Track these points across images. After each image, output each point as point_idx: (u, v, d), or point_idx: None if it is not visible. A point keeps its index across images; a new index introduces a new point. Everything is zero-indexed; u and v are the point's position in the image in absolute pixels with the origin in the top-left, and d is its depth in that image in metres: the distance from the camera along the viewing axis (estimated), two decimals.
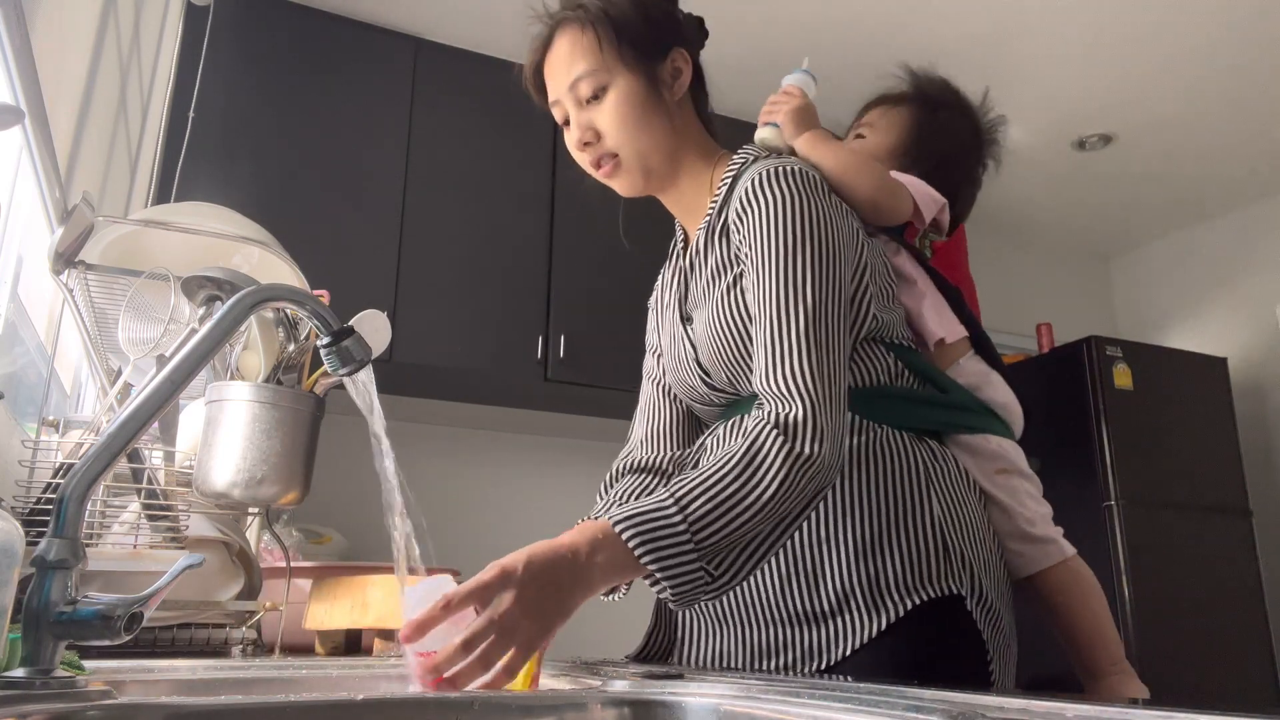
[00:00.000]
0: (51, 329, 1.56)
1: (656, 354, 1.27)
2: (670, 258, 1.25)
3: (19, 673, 0.63)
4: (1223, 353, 3.81)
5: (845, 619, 1.00)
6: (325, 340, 0.83)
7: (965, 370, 1.18)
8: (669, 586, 0.87)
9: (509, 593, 0.79)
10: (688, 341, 1.15)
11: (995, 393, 1.18)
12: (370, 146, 2.86)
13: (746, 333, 1.05)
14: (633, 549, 0.86)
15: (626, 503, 1.15)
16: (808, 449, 0.91)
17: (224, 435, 1.10)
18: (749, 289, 1.03)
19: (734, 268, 1.07)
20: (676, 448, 1.22)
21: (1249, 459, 3.62)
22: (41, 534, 0.67)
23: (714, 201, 1.12)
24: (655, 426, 1.24)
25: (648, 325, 1.30)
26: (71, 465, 0.86)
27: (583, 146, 1.11)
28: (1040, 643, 1.16)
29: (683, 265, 1.19)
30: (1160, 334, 4.42)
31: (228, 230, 1.36)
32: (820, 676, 0.97)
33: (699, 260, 1.13)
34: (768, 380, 0.97)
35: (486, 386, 2.93)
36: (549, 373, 2.90)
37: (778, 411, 0.94)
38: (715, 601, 1.09)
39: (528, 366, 2.89)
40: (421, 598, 0.79)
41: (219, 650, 1.21)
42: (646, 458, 1.22)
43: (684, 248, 1.21)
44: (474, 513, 3.09)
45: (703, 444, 1.17)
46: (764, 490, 0.89)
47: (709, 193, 1.15)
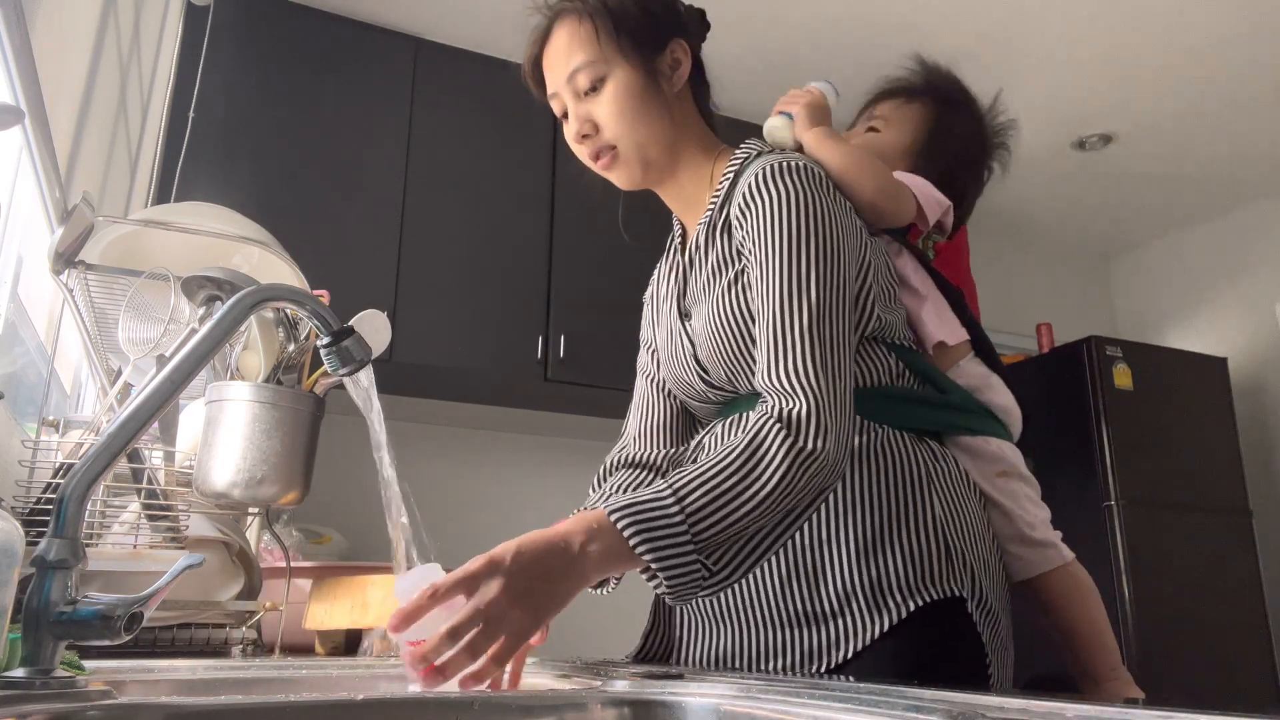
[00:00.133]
0: (51, 329, 1.56)
1: (651, 349, 1.26)
2: (667, 253, 1.24)
3: (19, 673, 0.63)
4: (1223, 353, 3.81)
5: (846, 620, 0.99)
6: (325, 340, 0.83)
7: (966, 372, 1.17)
8: (664, 580, 0.86)
9: (495, 581, 0.79)
10: (685, 338, 1.14)
11: (996, 395, 1.17)
12: (370, 146, 2.86)
13: (747, 330, 1.04)
14: (628, 539, 0.84)
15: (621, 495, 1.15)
16: (810, 444, 0.90)
17: (224, 435, 1.10)
18: (752, 285, 1.02)
19: (736, 264, 1.06)
20: (670, 444, 1.21)
21: (1249, 459, 3.62)
22: (41, 534, 0.67)
23: (715, 196, 1.11)
24: (649, 422, 1.23)
25: (642, 320, 1.29)
26: (71, 465, 0.86)
27: (581, 139, 1.10)
28: (1036, 646, 1.16)
29: (680, 261, 1.18)
30: (1160, 334, 4.42)
31: (228, 230, 1.36)
32: (821, 678, 0.97)
33: (699, 256, 1.12)
34: (771, 376, 0.95)
35: (486, 386, 2.93)
36: (549, 373, 2.90)
37: (781, 407, 0.92)
38: (714, 602, 1.08)
39: (528, 366, 2.89)
40: (411, 587, 0.79)
41: (219, 650, 1.21)
42: (640, 453, 1.21)
43: (681, 242, 1.20)
44: (474, 513, 3.09)
45: (700, 442, 1.16)
46: (764, 484, 0.88)
47: (709, 187, 1.14)
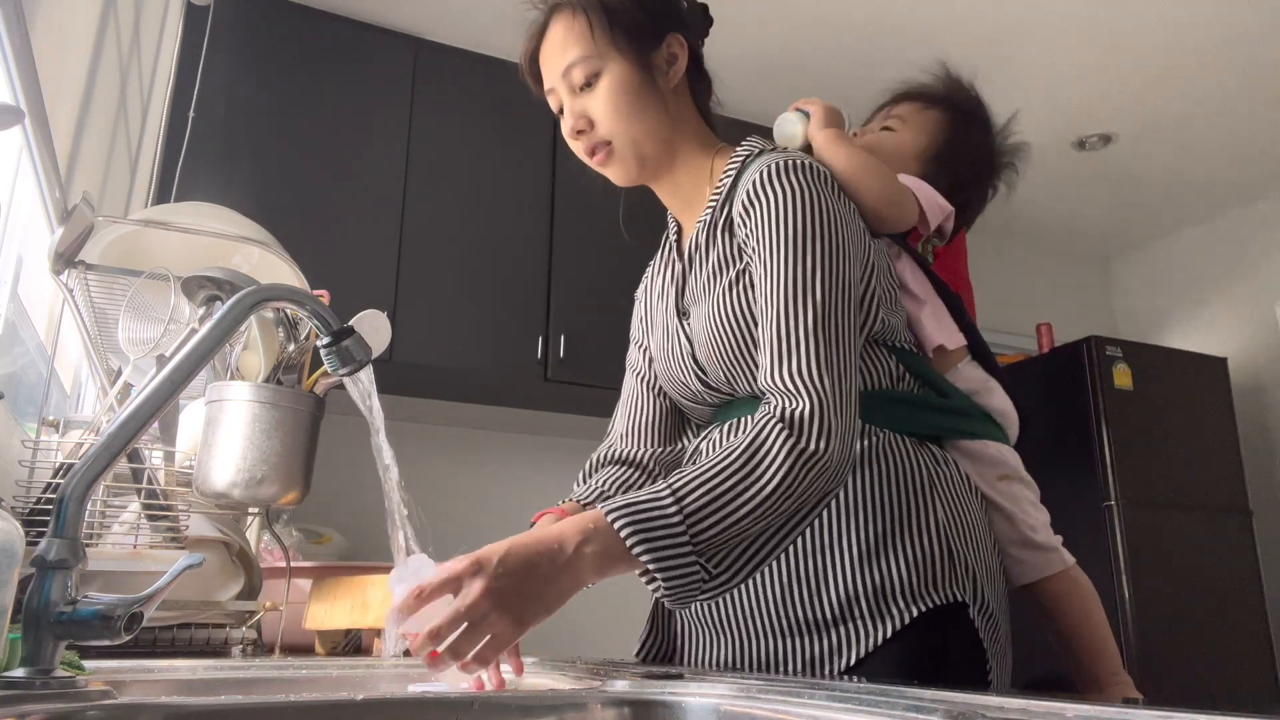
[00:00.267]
0: (51, 329, 1.56)
1: (642, 348, 1.24)
2: (661, 251, 1.23)
3: (19, 673, 0.63)
4: (1223, 353, 3.81)
5: (849, 627, 0.97)
6: (325, 340, 0.83)
7: (964, 376, 1.17)
8: (663, 583, 0.85)
9: (477, 583, 0.79)
10: (683, 337, 1.12)
11: (994, 399, 1.17)
12: (370, 146, 2.86)
13: (748, 329, 1.03)
14: (625, 539, 0.83)
15: (612, 494, 1.14)
16: (813, 445, 0.88)
17: (224, 435, 1.10)
18: (756, 284, 1.01)
19: (737, 262, 1.05)
20: (658, 443, 1.20)
21: (1249, 459, 3.62)
22: (41, 534, 0.67)
23: (716, 194, 1.09)
24: (637, 420, 1.22)
25: (633, 317, 1.28)
26: (71, 465, 0.86)
27: (576, 134, 1.09)
28: (1036, 650, 1.16)
29: (676, 259, 1.16)
30: (1160, 334, 4.42)
31: (228, 230, 1.36)
32: (821, 679, 0.96)
33: (698, 255, 1.10)
34: (774, 376, 0.94)
35: (486, 386, 2.93)
36: (549, 373, 2.90)
37: (784, 407, 0.91)
38: (714, 611, 1.07)
39: (528, 366, 2.89)
40: (401, 579, 0.81)
41: (219, 650, 1.21)
42: (626, 451, 1.21)
43: (677, 240, 1.18)
44: (474, 513, 3.09)
45: (697, 448, 1.15)
46: (765, 486, 0.87)
47: (708, 184, 1.12)
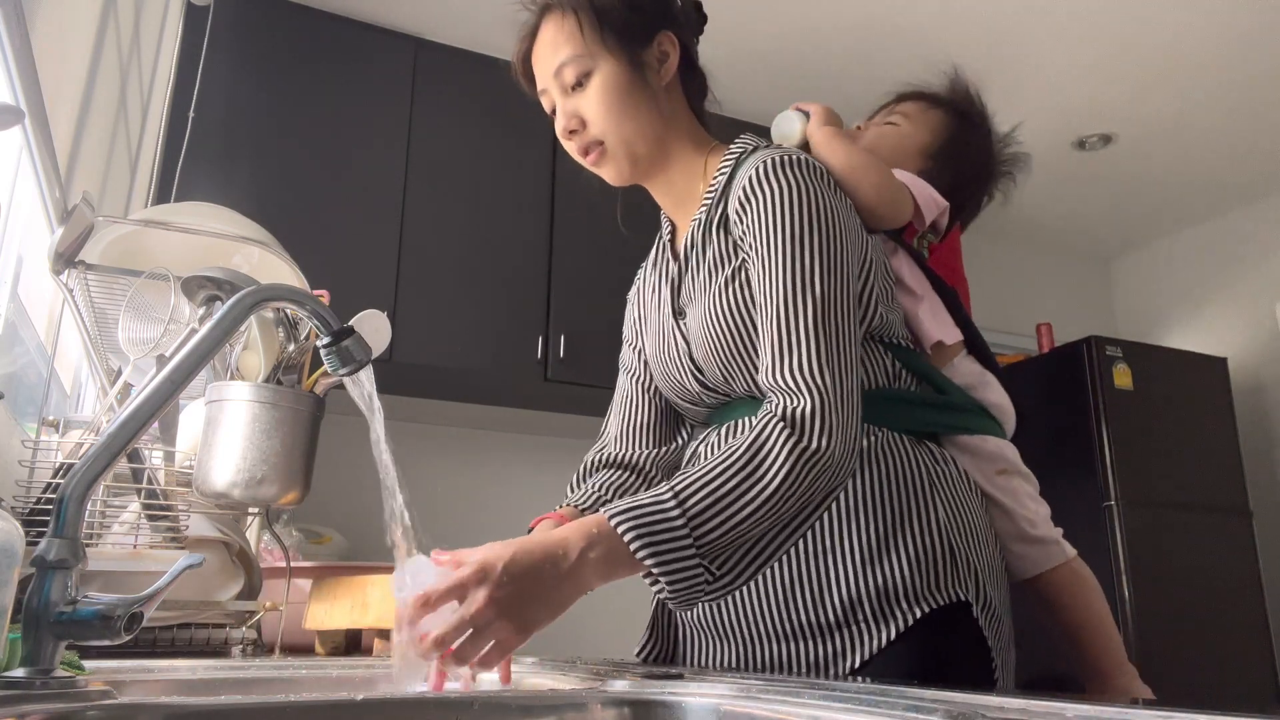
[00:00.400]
0: (51, 329, 1.56)
1: (636, 349, 1.24)
2: (655, 251, 1.22)
3: (19, 673, 0.63)
4: (1223, 353, 3.81)
5: (853, 630, 0.97)
6: (325, 340, 0.83)
7: (960, 371, 1.17)
8: (667, 585, 0.85)
9: (482, 591, 0.80)
10: (680, 336, 1.12)
11: (991, 394, 1.17)
12: (370, 146, 2.86)
13: (745, 327, 1.02)
14: (629, 543, 0.84)
15: (608, 498, 1.14)
16: (815, 443, 0.88)
17: (224, 435, 1.10)
18: (753, 281, 1.00)
19: (734, 259, 1.04)
20: (652, 444, 1.20)
21: (1249, 459, 3.61)
22: (41, 534, 0.67)
23: (710, 191, 1.09)
24: (631, 422, 1.21)
25: (626, 318, 1.27)
26: (71, 465, 0.86)
27: (568, 134, 1.09)
28: (1038, 646, 1.16)
29: (670, 258, 1.16)
30: (1160, 334, 4.42)
31: (228, 230, 1.36)
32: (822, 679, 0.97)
33: (694, 253, 1.10)
34: (775, 374, 0.93)
35: (486, 386, 2.93)
36: (549, 373, 2.90)
37: (785, 405, 0.91)
38: (716, 616, 1.07)
39: (528, 366, 2.89)
40: (404, 585, 0.82)
41: (219, 650, 1.21)
42: (621, 453, 1.20)
43: (671, 240, 1.18)
44: (474, 513, 3.09)
45: (695, 452, 1.14)
46: (767, 485, 0.86)
47: (701, 183, 1.12)
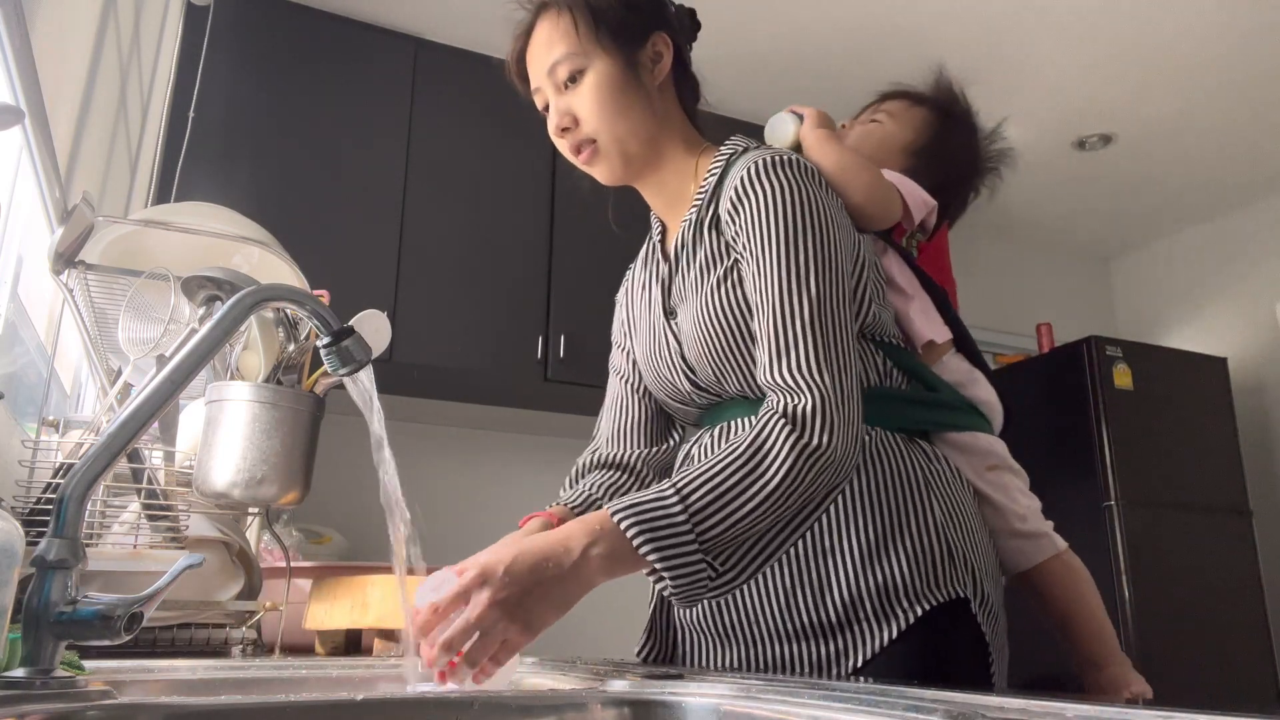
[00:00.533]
0: (51, 329, 1.56)
1: (625, 351, 1.24)
2: (645, 251, 1.22)
3: (19, 673, 0.63)
4: (1223, 353, 3.81)
5: (854, 630, 0.98)
6: (325, 340, 0.83)
7: (950, 368, 1.19)
8: (670, 581, 0.86)
9: (484, 594, 0.80)
10: (671, 337, 1.12)
11: (979, 391, 1.19)
12: (370, 146, 2.86)
13: (738, 325, 1.02)
14: (632, 540, 0.84)
15: (602, 498, 1.14)
16: (817, 440, 0.89)
17: (224, 435, 1.10)
18: (747, 281, 1.00)
19: (725, 259, 1.04)
20: (644, 445, 1.20)
21: (1249, 459, 3.62)
22: (41, 534, 0.67)
23: (701, 192, 1.09)
24: (622, 423, 1.22)
25: (615, 320, 1.28)
26: (71, 465, 0.86)
27: (561, 132, 1.09)
28: (1037, 643, 1.16)
29: (660, 259, 1.16)
30: (1160, 334, 4.42)
31: (228, 230, 1.36)
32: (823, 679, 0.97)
33: (685, 253, 1.10)
34: (774, 373, 0.94)
35: (486, 386, 2.93)
36: (549, 373, 2.90)
37: (786, 403, 0.91)
38: (717, 617, 1.07)
39: (528, 366, 2.89)
40: (425, 596, 0.83)
41: (219, 650, 1.21)
42: (614, 454, 1.20)
43: (661, 241, 1.18)
44: (474, 513, 3.08)
45: (688, 454, 1.14)
46: (769, 481, 0.87)
47: (693, 183, 1.12)
